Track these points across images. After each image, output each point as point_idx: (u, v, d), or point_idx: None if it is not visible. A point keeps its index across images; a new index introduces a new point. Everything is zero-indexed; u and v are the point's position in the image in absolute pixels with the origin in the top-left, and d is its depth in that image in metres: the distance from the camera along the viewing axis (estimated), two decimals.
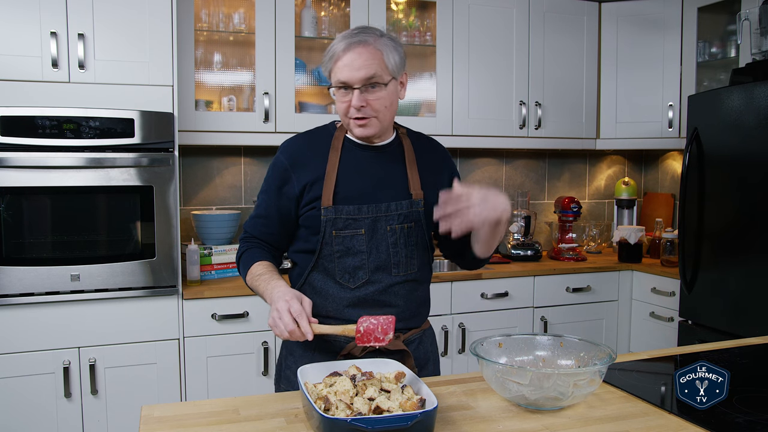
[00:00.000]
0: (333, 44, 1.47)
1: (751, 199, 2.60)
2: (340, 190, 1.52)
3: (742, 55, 2.98)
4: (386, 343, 1.28)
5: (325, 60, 1.49)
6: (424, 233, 1.59)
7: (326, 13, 3.16)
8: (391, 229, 1.54)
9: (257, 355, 2.68)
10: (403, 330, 1.58)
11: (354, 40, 1.45)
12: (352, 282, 1.53)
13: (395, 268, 1.54)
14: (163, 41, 2.51)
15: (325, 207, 1.50)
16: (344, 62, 1.44)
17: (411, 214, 1.56)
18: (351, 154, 1.56)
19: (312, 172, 1.53)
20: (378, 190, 1.54)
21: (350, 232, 1.52)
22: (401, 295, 1.56)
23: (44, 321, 2.39)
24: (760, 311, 2.56)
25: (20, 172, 2.32)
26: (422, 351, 1.64)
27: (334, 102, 1.54)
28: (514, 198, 3.74)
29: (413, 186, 1.57)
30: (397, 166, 1.58)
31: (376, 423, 1.03)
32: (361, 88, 1.45)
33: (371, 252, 1.52)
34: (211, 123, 2.84)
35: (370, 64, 1.44)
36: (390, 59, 1.47)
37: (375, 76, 1.45)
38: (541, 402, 1.23)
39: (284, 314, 1.32)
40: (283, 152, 1.58)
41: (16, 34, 2.33)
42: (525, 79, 3.37)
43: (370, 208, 1.52)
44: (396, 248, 1.54)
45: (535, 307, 3.18)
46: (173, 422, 1.19)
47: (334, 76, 1.47)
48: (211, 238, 2.88)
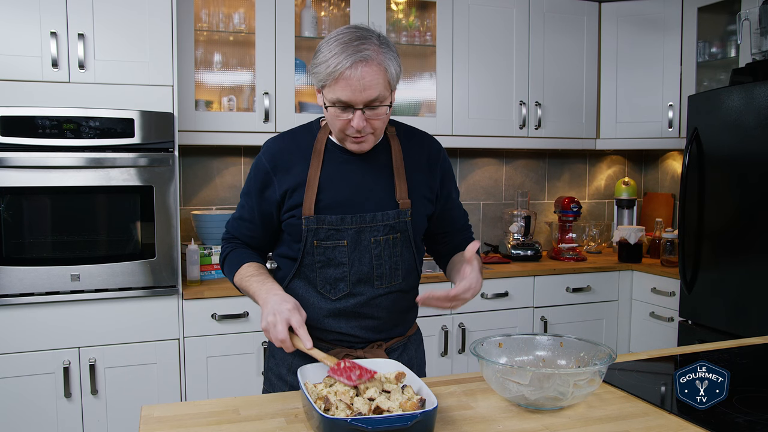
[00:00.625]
0: (330, 55, 1.31)
1: (751, 199, 2.60)
2: (322, 198, 1.44)
3: (742, 55, 2.98)
4: (353, 383, 1.22)
5: (320, 71, 1.34)
6: (411, 242, 1.51)
7: (326, 13, 3.16)
8: (375, 241, 1.46)
9: (257, 355, 2.68)
10: (385, 339, 1.54)
11: (358, 57, 1.29)
12: (333, 293, 1.47)
13: (378, 280, 1.47)
14: (163, 41, 2.51)
15: (307, 216, 1.42)
16: (347, 82, 1.30)
17: (397, 224, 1.47)
18: (334, 158, 1.47)
19: (293, 178, 1.45)
20: (363, 198, 1.46)
21: (332, 243, 1.44)
22: (384, 307, 1.50)
23: (44, 321, 2.39)
24: (760, 311, 2.56)
25: (20, 172, 2.32)
26: (405, 358, 1.58)
27: (324, 111, 1.43)
28: (514, 198, 3.75)
29: (400, 194, 1.47)
30: (383, 172, 1.48)
31: (376, 423, 1.03)
32: (363, 109, 1.34)
33: (353, 264, 1.45)
34: (211, 123, 2.84)
35: (375, 84, 1.32)
36: (392, 73, 1.36)
37: (379, 96, 1.34)
38: (541, 402, 1.23)
39: (279, 324, 1.30)
40: (265, 153, 1.50)
41: (16, 34, 2.33)
42: (525, 79, 3.37)
43: (354, 218, 1.44)
44: (380, 260, 1.47)
45: (535, 307, 3.18)
46: (173, 422, 1.19)
47: (332, 93, 1.33)
48: (211, 238, 2.88)
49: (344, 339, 1.50)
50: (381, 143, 1.51)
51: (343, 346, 1.51)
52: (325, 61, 1.32)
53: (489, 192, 3.73)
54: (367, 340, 1.51)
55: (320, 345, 1.47)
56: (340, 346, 1.50)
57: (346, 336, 1.50)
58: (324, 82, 1.34)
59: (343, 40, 1.32)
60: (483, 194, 3.72)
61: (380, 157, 1.50)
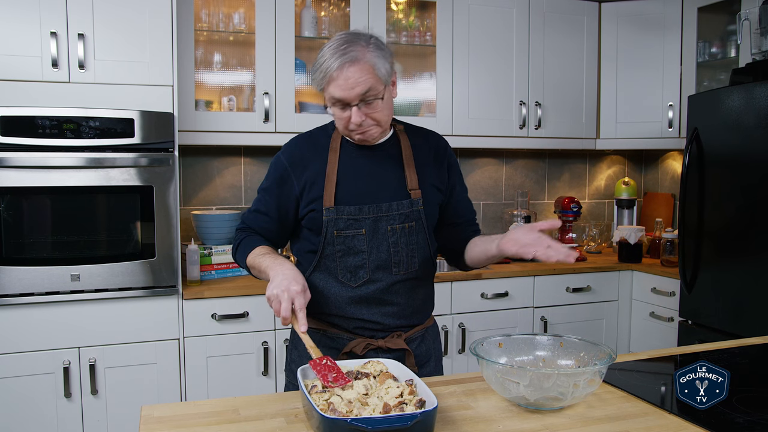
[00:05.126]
0: (322, 60, 1.45)
1: (751, 199, 2.60)
2: (340, 191, 1.54)
3: (742, 55, 2.98)
4: (325, 383, 1.23)
5: (316, 76, 1.48)
6: (425, 231, 1.60)
7: (326, 13, 3.16)
8: (392, 229, 1.55)
9: (257, 355, 2.68)
10: (405, 328, 1.60)
11: (345, 59, 1.42)
12: (353, 281, 1.55)
13: (396, 266, 1.56)
14: (163, 41, 2.51)
15: (327, 208, 1.52)
16: (338, 82, 1.44)
17: (411, 213, 1.57)
18: (349, 154, 1.58)
19: (311, 173, 1.55)
20: (378, 189, 1.56)
21: (351, 232, 1.54)
22: (402, 293, 1.58)
23: (44, 321, 2.39)
24: (760, 311, 2.56)
25: (20, 172, 2.32)
26: (424, 348, 1.65)
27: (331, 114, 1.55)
28: (514, 198, 3.74)
29: (411, 184, 1.58)
30: (394, 165, 1.59)
31: (376, 423, 1.03)
32: (359, 104, 1.46)
33: (372, 251, 1.54)
34: (211, 123, 2.84)
35: (364, 80, 1.43)
36: (381, 69, 1.46)
37: (370, 90, 1.45)
38: (541, 402, 1.23)
39: (285, 302, 1.34)
40: (284, 153, 1.61)
41: (16, 34, 2.33)
42: (525, 79, 3.37)
43: (371, 208, 1.54)
44: (396, 247, 1.56)
45: (535, 307, 3.18)
46: (173, 422, 1.19)
47: (328, 94, 1.47)
48: (211, 238, 2.88)
49: (366, 326, 1.57)
50: (390, 139, 1.62)
51: (365, 336, 1.57)
52: (319, 66, 1.47)
53: (489, 192, 3.73)
54: (387, 327, 1.58)
55: (342, 334, 1.57)
56: (361, 336, 1.57)
57: (368, 323, 1.57)
58: (321, 84, 1.48)
59: (333, 46, 1.46)
60: (483, 194, 3.72)
61: (391, 150, 1.61)
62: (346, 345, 1.57)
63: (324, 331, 1.59)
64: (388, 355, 1.55)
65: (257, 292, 2.66)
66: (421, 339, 1.65)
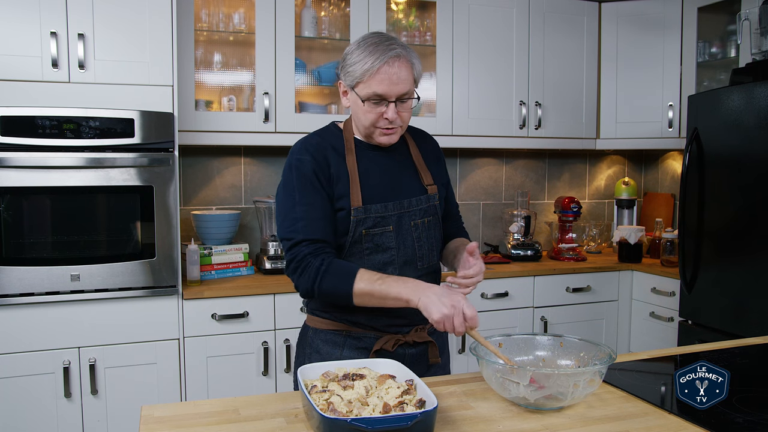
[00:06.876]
0: (363, 55, 1.45)
1: (751, 198, 2.60)
2: (364, 190, 1.55)
3: (742, 55, 2.98)
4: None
5: (354, 70, 1.47)
6: (440, 224, 1.66)
7: (326, 13, 3.16)
8: (414, 224, 1.59)
9: (257, 355, 2.68)
10: (426, 320, 1.57)
11: (392, 53, 1.45)
12: None
13: (420, 261, 1.60)
14: (163, 41, 2.51)
15: (355, 207, 1.52)
16: (383, 76, 1.45)
17: (429, 208, 1.62)
18: (364, 154, 1.59)
19: (333, 173, 1.54)
20: (397, 187, 1.59)
21: (380, 229, 1.55)
22: None
23: (44, 321, 2.39)
24: (760, 311, 2.56)
25: (20, 172, 2.32)
26: (442, 340, 1.70)
27: (351, 107, 1.55)
28: (514, 198, 3.74)
29: (426, 180, 1.64)
30: (407, 163, 1.64)
31: (376, 423, 1.03)
32: (396, 102, 1.49)
33: (399, 247, 1.57)
34: (211, 123, 2.84)
35: (406, 78, 1.48)
36: (417, 70, 1.52)
37: (408, 90, 1.50)
38: (541, 402, 1.23)
39: (457, 317, 1.32)
40: (304, 153, 1.53)
41: (16, 34, 2.33)
42: (525, 79, 3.37)
43: (395, 205, 1.56)
44: (420, 242, 1.60)
45: (535, 307, 3.18)
46: (173, 422, 1.19)
47: (368, 88, 1.47)
48: (211, 238, 2.88)
49: (393, 323, 1.57)
50: (399, 138, 1.64)
51: (392, 333, 1.57)
52: (360, 60, 1.47)
53: (489, 192, 3.73)
54: (413, 322, 1.58)
55: (369, 333, 1.57)
56: (389, 333, 1.57)
57: (396, 319, 1.57)
58: (359, 79, 1.48)
59: (372, 41, 1.48)
60: (483, 194, 3.72)
61: (401, 150, 1.65)
62: (375, 343, 1.55)
63: (347, 332, 1.57)
64: (414, 349, 1.58)
65: (257, 292, 2.66)
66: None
